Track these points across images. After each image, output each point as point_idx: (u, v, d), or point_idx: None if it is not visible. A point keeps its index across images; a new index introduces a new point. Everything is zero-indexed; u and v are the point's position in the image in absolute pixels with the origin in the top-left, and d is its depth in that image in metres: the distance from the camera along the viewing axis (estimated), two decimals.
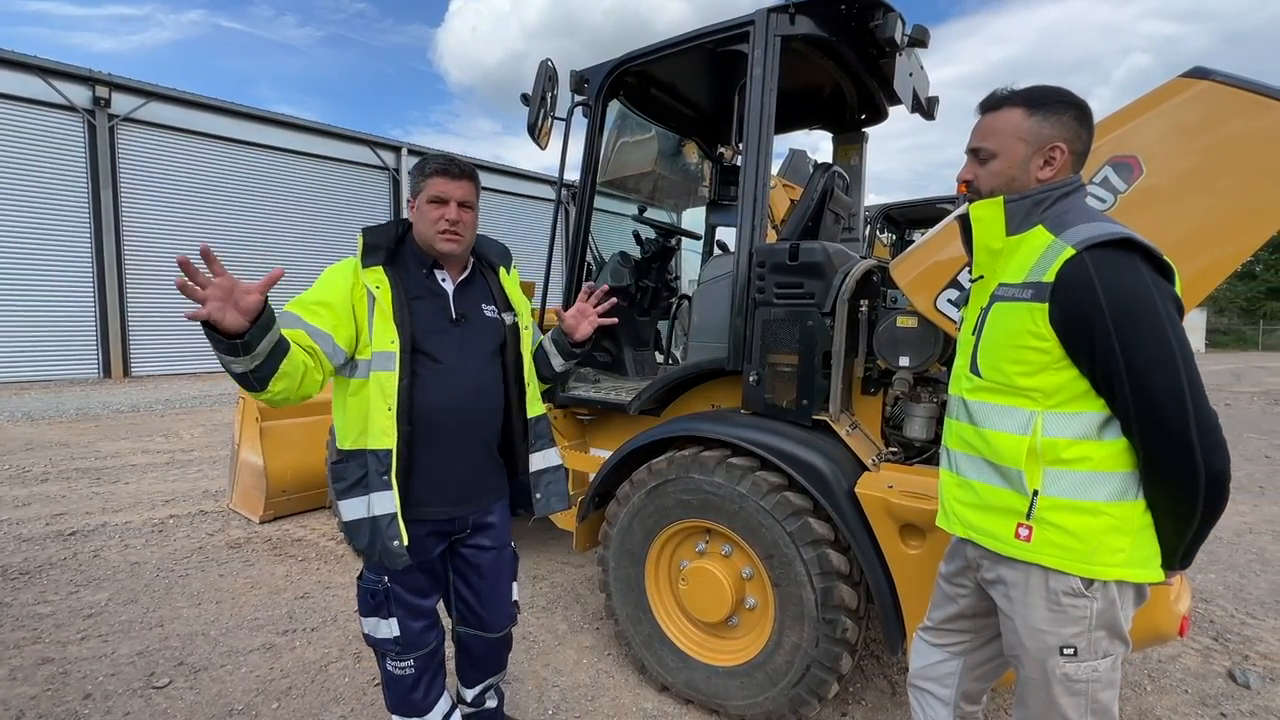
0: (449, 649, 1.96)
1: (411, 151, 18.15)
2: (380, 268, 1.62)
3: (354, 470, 1.58)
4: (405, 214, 1.76)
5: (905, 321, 2.07)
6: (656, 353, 3.77)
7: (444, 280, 1.73)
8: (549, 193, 21.18)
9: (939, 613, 1.58)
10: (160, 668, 2.59)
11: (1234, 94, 1.59)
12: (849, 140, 3.38)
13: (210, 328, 1.28)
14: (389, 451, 1.55)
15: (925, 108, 3.01)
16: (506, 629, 1.94)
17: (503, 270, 1.87)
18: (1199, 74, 1.63)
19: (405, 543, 1.57)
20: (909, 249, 2.05)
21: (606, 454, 2.82)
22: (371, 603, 1.69)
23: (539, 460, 1.86)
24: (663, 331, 3.88)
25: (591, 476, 2.74)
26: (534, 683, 2.53)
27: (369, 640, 1.75)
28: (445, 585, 1.87)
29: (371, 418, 1.55)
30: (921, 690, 1.61)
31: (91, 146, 12.87)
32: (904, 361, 2.08)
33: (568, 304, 3.10)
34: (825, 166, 2.88)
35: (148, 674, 2.54)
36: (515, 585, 1.95)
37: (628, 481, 2.45)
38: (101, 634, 2.85)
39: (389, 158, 17.86)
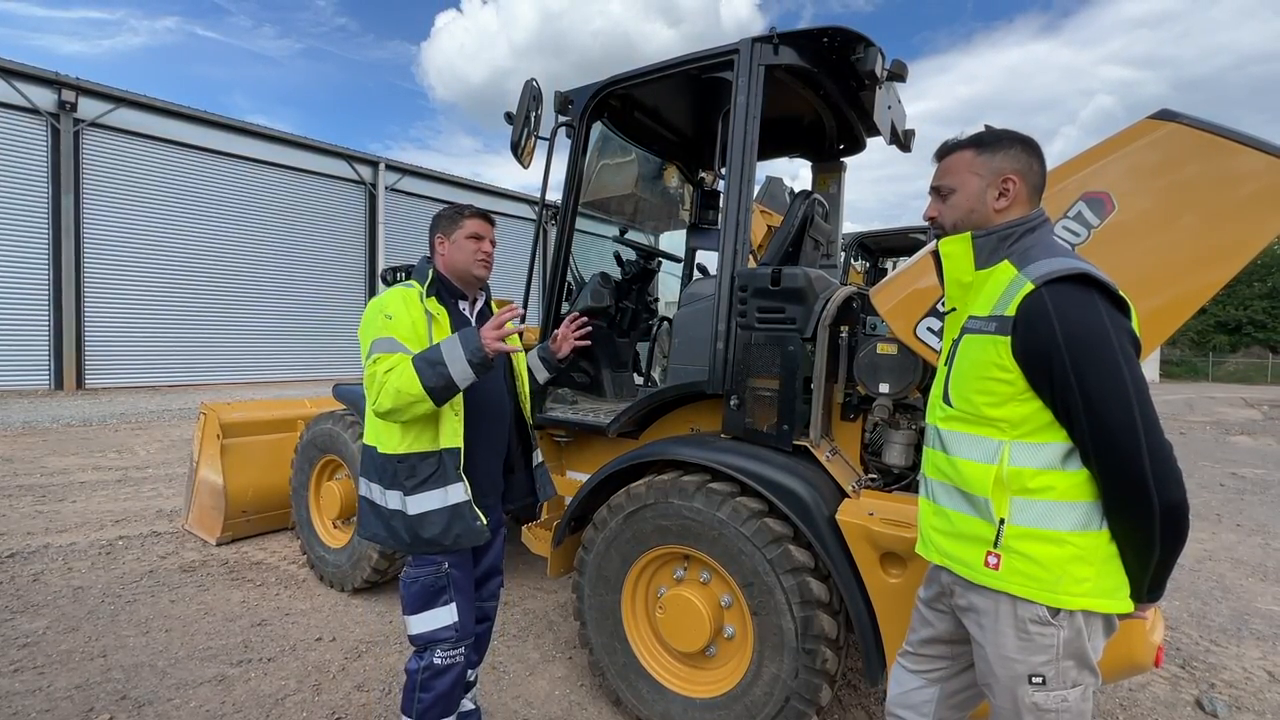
0: None
1: (389, 166, 18.02)
2: (434, 297, 1.94)
3: (426, 468, 1.80)
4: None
5: (885, 348, 2.08)
6: (635, 374, 3.74)
7: (465, 310, 2.03)
8: (528, 212, 21.19)
9: (916, 636, 1.59)
10: (100, 702, 2.42)
11: (1199, 136, 1.65)
12: (828, 169, 3.44)
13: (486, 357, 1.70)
14: (459, 450, 1.84)
15: (902, 140, 3.09)
16: (498, 600, 2.21)
17: (493, 302, 2.17)
18: (1167, 116, 1.69)
19: (486, 521, 1.85)
20: (889, 276, 2.08)
21: (583, 477, 2.76)
22: (430, 592, 1.84)
23: (536, 457, 2.21)
24: (642, 353, 3.86)
25: (568, 500, 2.68)
26: (504, 716, 2.43)
27: (421, 639, 1.85)
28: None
29: (442, 422, 1.82)
30: (899, 719, 1.60)
31: (54, 151, 12.47)
32: (884, 388, 2.09)
33: (546, 323, 3.06)
34: (806, 194, 2.93)
35: (86, 709, 2.37)
36: (501, 562, 2.22)
37: (605, 506, 2.40)
38: (37, 665, 2.66)
39: (365, 172, 17.70)
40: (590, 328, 2.27)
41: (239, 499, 4.18)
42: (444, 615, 1.84)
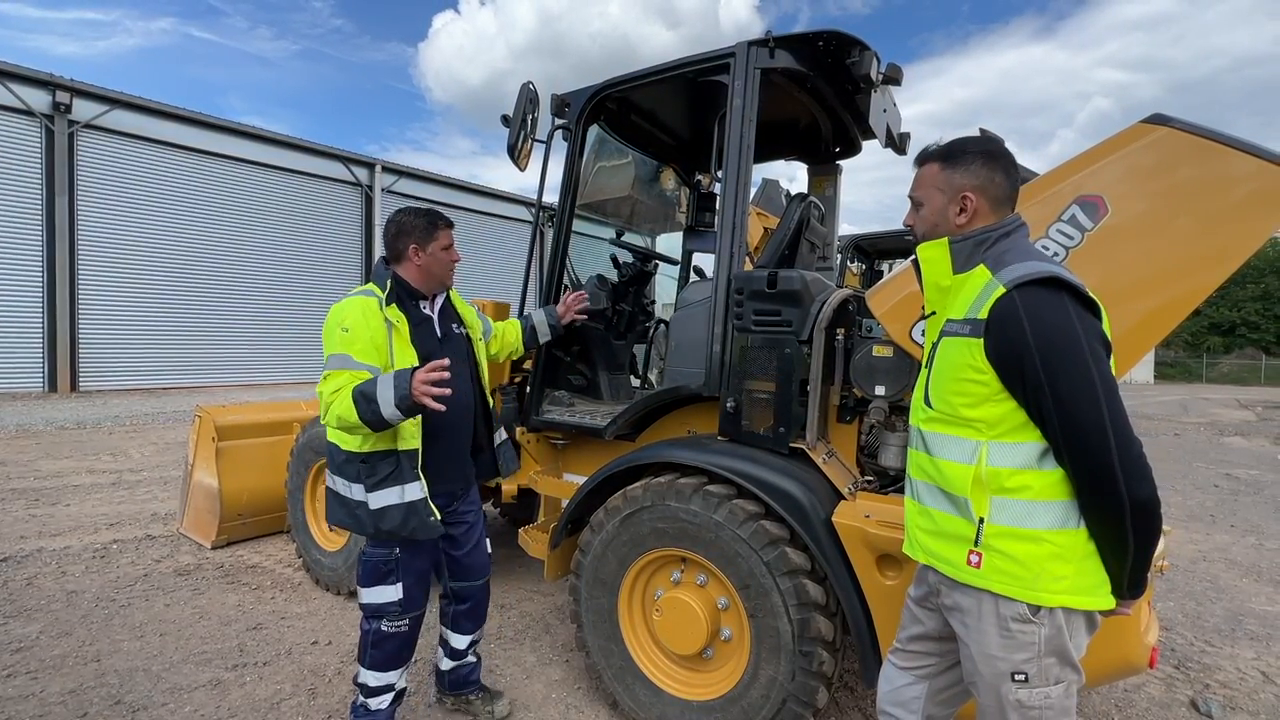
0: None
1: (386, 168, 17.98)
2: (394, 305, 2.04)
3: (385, 467, 1.96)
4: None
5: (881, 351, 2.09)
6: (632, 377, 3.74)
7: (425, 308, 2.15)
8: (524, 213, 21.17)
9: (906, 633, 1.62)
10: (94, 707, 2.41)
11: (1190, 140, 1.67)
12: (823, 171, 3.46)
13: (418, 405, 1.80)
14: (416, 450, 1.99)
15: (897, 143, 3.09)
16: (487, 575, 2.38)
17: (452, 293, 2.30)
18: (1159, 120, 1.70)
19: (439, 517, 2.04)
20: (884, 279, 2.08)
21: (580, 479, 2.76)
22: (380, 572, 2.05)
23: (499, 436, 2.41)
24: (638, 355, 3.86)
25: (565, 502, 2.68)
26: None
27: (370, 608, 2.08)
28: (437, 553, 2.25)
29: (400, 425, 1.93)
30: (890, 716, 1.63)
31: (48, 152, 12.41)
32: (879, 390, 2.10)
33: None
34: (802, 196, 2.93)
35: (80, 714, 2.36)
36: (487, 540, 2.40)
37: (602, 508, 2.40)
38: (30, 670, 2.65)
39: (362, 174, 17.66)
40: (587, 301, 2.72)
41: (234, 502, 4.16)
42: (390, 592, 2.06)
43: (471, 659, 2.41)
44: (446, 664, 2.39)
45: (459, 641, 2.36)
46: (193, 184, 14.47)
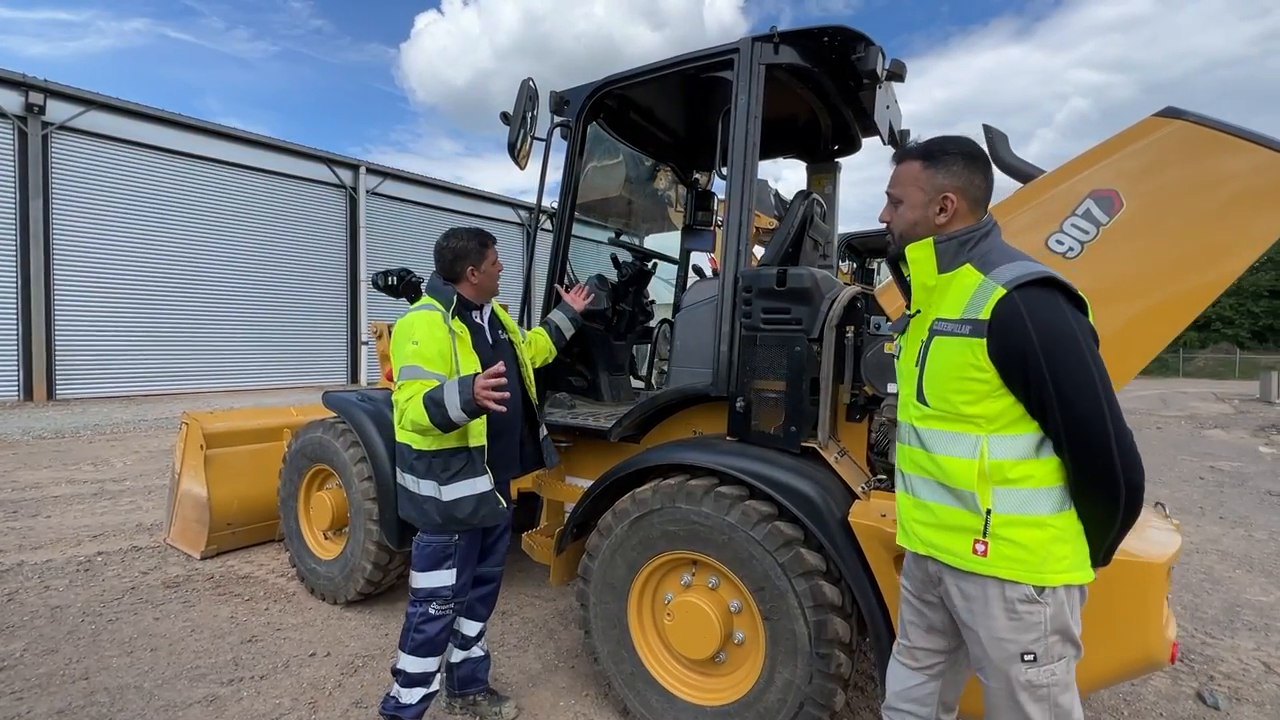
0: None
1: (370, 170, 17.77)
2: (457, 317, 2.23)
3: (457, 462, 2.14)
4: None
5: (893, 348, 2.07)
6: (632, 377, 3.71)
7: (477, 317, 2.34)
8: (509, 214, 21.06)
9: (913, 634, 1.62)
10: None
11: (1205, 133, 1.67)
12: (823, 169, 3.44)
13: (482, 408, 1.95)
14: (483, 447, 2.18)
15: (898, 140, 3.09)
16: (504, 563, 2.54)
17: (494, 304, 2.45)
18: (1172, 114, 1.70)
19: (505, 504, 2.24)
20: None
21: (584, 482, 2.72)
22: (438, 556, 2.18)
23: (542, 431, 2.53)
24: (638, 356, 3.82)
25: (568, 506, 2.63)
26: None
27: (422, 592, 2.19)
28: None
29: (469, 425, 2.10)
30: (902, 712, 1.64)
31: (21, 155, 12.09)
32: (892, 388, 2.07)
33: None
34: (805, 194, 2.91)
35: None
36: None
37: (610, 512, 2.36)
38: (15, 690, 2.55)
39: (346, 176, 17.43)
40: (592, 295, 2.91)
41: (224, 511, 4.06)
42: (445, 577, 2.18)
43: (478, 652, 2.46)
44: (457, 655, 2.42)
45: (470, 628, 2.42)
46: (172, 187, 14.18)
